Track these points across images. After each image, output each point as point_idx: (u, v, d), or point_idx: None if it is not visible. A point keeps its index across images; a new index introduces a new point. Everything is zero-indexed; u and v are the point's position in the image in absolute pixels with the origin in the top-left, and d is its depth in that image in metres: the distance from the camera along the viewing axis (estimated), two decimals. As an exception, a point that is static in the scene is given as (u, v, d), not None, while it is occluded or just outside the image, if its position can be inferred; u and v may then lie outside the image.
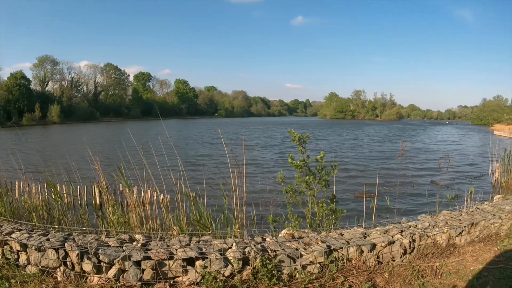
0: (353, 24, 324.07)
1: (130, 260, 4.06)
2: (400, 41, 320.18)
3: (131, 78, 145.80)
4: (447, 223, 5.79)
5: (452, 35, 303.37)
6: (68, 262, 4.14)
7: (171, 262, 4.08)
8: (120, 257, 4.04)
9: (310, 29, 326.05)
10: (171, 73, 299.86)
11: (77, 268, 4.13)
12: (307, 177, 5.57)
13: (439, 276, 4.70)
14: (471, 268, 4.93)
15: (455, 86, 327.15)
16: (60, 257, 4.12)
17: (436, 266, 4.92)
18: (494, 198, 8.58)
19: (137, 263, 4.06)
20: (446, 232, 5.47)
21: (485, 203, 7.51)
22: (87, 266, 4.07)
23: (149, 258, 4.10)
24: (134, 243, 4.51)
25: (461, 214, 6.39)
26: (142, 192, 7.14)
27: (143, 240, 4.60)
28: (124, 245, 4.40)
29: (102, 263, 4.08)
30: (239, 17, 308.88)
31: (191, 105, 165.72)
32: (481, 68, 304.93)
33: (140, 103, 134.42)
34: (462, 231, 5.66)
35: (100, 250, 4.16)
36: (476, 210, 6.73)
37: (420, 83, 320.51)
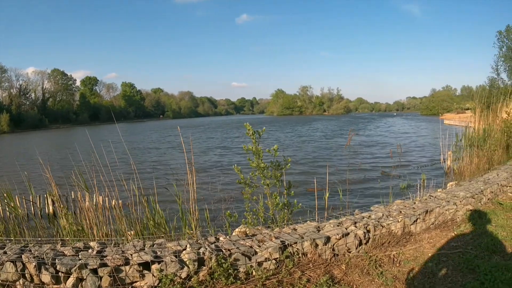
0: (297, 20, 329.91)
1: (87, 268, 3.98)
2: (346, 36, 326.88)
3: (78, 83, 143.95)
4: (401, 212, 5.90)
5: (399, 28, 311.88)
6: (26, 275, 4.04)
7: (127, 267, 4.02)
8: (77, 265, 3.95)
9: (255, 26, 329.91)
10: (117, 76, 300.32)
11: (36, 280, 4.03)
12: (262, 164, 5.59)
13: (397, 265, 4.78)
14: (429, 255, 5.04)
15: (404, 78, 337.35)
16: (19, 270, 4.03)
17: (394, 255, 4.99)
18: (448, 185, 8.78)
19: (94, 271, 3.99)
20: (401, 221, 5.57)
21: (439, 190, 7.69)
22: (46, 277, 3.98)
23: (105, 265, 4.03)
24: (90, 250, 4.42)
25: (415, 203, 6.52)
26: (95, 198, 7.06)
27: (98, 247, 4.52)
28: (79, 253, 4.31)
29: (60, 273, 3.98)
30: (184, 17, 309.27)
31: (138, 108, 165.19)
32: (429, 60, 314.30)
33: (88, 108, 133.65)
34: (417, 219, 5.77)
35: (56, 260, 4.06)
36: (430, 198, 6.88)
37: (368, 77, 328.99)
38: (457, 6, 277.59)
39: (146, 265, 4.06)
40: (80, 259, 4.11)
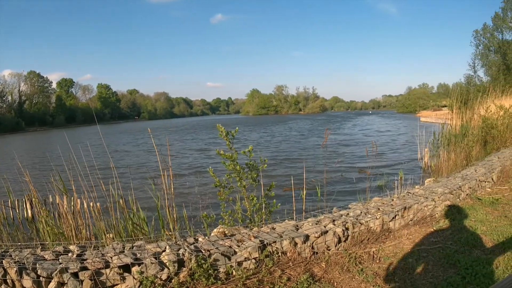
0: (271, 19, 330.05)
1: (68, 272, 3.96)
2: (321, 35, 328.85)
3: (54, 85, 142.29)
4: (379, 209, 5.95)
5: (375, 27, 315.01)
6: (8, 280, 4.00)
7: (107, 270, 4.01)
8: (58, 270, 3.93)
9: (230, 26, 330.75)
10: (93, 77, 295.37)
11: (17, 285, 4.00)
12: (238, 167, 5.60)
13: (377, 261, 4.82)
14: (409, 250, 5.09)
15: (380, 77, 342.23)
16: (0, 275, 4.01)
17: (373, 252, 5.04)
18: (425, 181, 8.89)
19: (75, 275, 3.97)
20: (379, 217, 5.62)
21: (417, 187, 7.77)
22: (27, 282, 3.96)
23: (86, 268, 4.01)
24: (70, 254, 4.40)
25: (393, 200, 6.58)
26: (73, 201, 7.04)
27: (78, 250, 4.50)
28: (60, 257, 4.29)
29: (41, 278, 3.97)
30: (159, 17, 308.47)
31: (114, 109, 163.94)
32: (405, 59, 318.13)
33: (64, 110, 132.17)
34: (395, 216, 5.82)
35: (37, 265, 4.03)
36: (408, 194, 6.95)
37: (344, 75, 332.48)
38: (434, 5, 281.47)
39: (126, 268, 4.05)
40: (60, 263, 4.09)
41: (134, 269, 4.02)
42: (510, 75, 37.91)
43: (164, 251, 4.31)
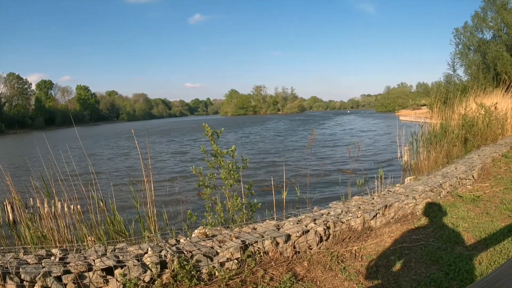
0: (249, 19, 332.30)
1: (51, 276, 3.95)
2: (300, 35, 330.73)
3: (33, 87, 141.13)
4: (360, 207, 6.00)
5: (354, 27, 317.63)
6: (-8, 285, 4.02)
7: (90, 273, 4.00)
8: (41, 274, 3.92)
9: (208, 26, 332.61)
10: (71, 79, 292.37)
11: (1, 289, 4.02)
12: (222, 163, 5.64)
13: (360, 259, 4.85)
14: (391, 248, 5.12)
15: (359, 76, 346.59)
16: (-16, 280, 3.99)
17: (355, 250, 5.08)
18: (406, 179, 8.96)
19: (58, 278, 3.96)
20: (360, 216, 5.66)
21: (397, 185, 7.83)
22: (11, 286, 3.93)
23: (69, 272, 4.00)
24: (52, 257, 4.38)
25: (373, 198, 6.63)
26: (53, 204, 7.00)
27: (60, 253, 4.49)
28: (42, 261, 4.27)
29: (24, 282, 3.96)
30: (136, 17, 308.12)
31: (93, 111, 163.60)
32: (384, 58, 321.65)
33: (44, 112, 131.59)
34: (376, 214, 5.87)
35: (20, 269, 4.03)
36: (388, 193, 7.01)
37: (322, 75, 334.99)
38: (412, 4, 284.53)
39: (109, 270, 4.05)
40: (43, 267, 4.07)
41: (117, 271, 4.02)
42: (489, 74, 38.36)
43: (146, 253, 4.31)
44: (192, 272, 4.08)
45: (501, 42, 39.04)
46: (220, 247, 4.48)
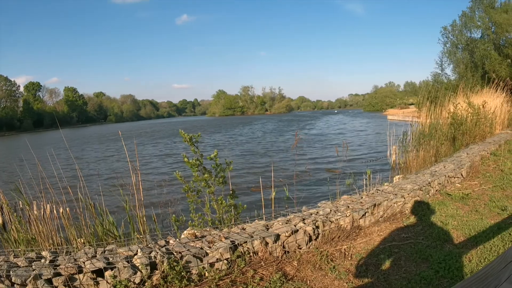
0: (236, 20, 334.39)
1: (42, 278, 3.94)
2: (288, 35, 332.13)
3: (21, 89, 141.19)
4: (348, 207, 6.03)
5: (343, 27, 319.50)
6: (-17, 289, 4.01)
7: (81, 275, 4.00)
8: (32, 276, 3.92)
9: (195, 27, 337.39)
10: (59, 80, 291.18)
11: (-8, 293, 4.01)
12: (205, 175, 5.64)
13: (349, 258, 4.89)
14: (381, 247, 5.15)
15: (346, 76, 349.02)
16: (-24, 284, 3.98)
17: (345, 249, 5.10)
18: (394, 178, 8.99)
19: (49, 281, 3.96)
20: (349, 215, 5.69)
21: (386, 184, 7.87)
22: (2, 290, 3.97)
23: (59, 274, 4.00)
24: (42, 260, 4.38)
25: (362, 197, 6.65)
26: (42, 207, 6.99)
27: (50, 256, 4.49)
28: (33, 263, 4.26)
29: (15, 285, 3.95)
30: (124, 18, 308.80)
31: (81, 112, 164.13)
32: (372, 58, 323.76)
33: (32, 114, 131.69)
34: (365, 213, 5.91)
35: (11, 272, 4.03)
36: (377, 192, 7.04)
37: (310, 75, 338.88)
38: (400, 4, 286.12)
39: (99, 272, 4.05)
40: (34, 270, 4.07)
41: (107, 273, 4.02)
42: (477, 73, 38.66)
43: (136, 254, 4.32)
44: (182, 273, 4.09)
45: (489, 41, 39.31)
46: (210, 247, 4.49)
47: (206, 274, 4.22)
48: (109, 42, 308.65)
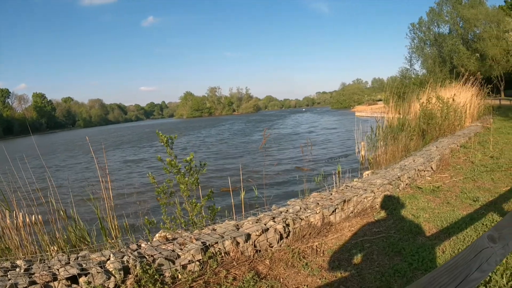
0: (203, 20, 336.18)
1: (17, 287, 4.02)
2: (253, 35, 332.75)
3: None
4: (318, 203, 6.12)
5: (308, 26, 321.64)
6: (-42, 300, 4.01)
7: (56, 283, 4.02)
8: (8, 286, 3.92)
9: (160, 28, 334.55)
10: (28, 86, 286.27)
11: (-32, 304, 4.02)
12: (186, 178, 5.71)
13: (321, 254, 4.96)
14: (352, 242, 5.25)
15: (314, 74, 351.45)
16: (-51, 296, 3.99)
17: (316, 246, 5.18)
18: (364, 174, 9.14)
19: (25, 290, 4.03)
20: (319, 212, 5.79)
21: (355, 180, 7.98)
22: (-22, 301, 3.98)
23: (34, 282, 4.01)
24: (17, 269, 4.38)
25: (332, 194, 6.75)
26: (14, 215, 6.95)
27: (25, 265, 4.49)
28: (8, 273, 4.27)
29: (-9, 296, 4.00)
30: (90, 21, 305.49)
31: (50, 118, 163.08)
32: (339, 55, 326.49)
33: (1, 121, 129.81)
34: (335, 209, 6.01)
35: (-14, 282, 4.07)
36: (347, 188, 7.15)
37: (277, 74, 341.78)
38: (366, 2, 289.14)
39: (74, 279, 4.07)
40: (9, 279, 4.07)
41: (82, 279, 4.05)
42: (446, 67, 39.36)
43: (108, 259, 4.34)
44: (156, 276, 4.12)
45: (457, 36, 40.09)
46: (181, 249, 4.53)
47: (179, 276, 4.27)
48: (76, 46, 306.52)
